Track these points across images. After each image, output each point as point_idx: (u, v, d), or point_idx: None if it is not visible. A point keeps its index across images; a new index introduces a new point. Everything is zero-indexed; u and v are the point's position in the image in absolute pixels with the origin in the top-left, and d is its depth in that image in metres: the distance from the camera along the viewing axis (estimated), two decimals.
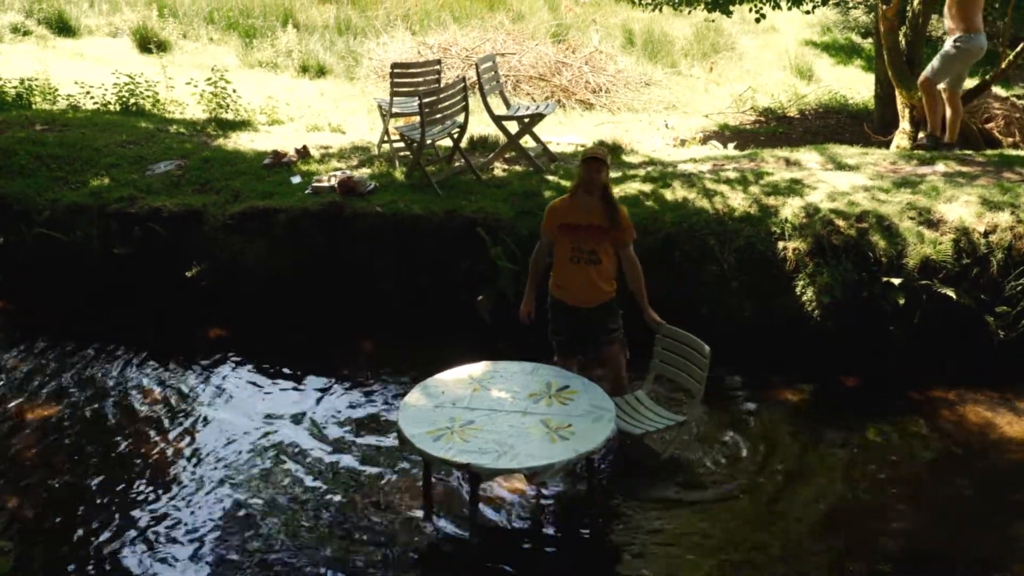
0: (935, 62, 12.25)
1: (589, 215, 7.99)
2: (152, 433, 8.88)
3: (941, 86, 12.27)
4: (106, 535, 7.52)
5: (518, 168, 12.34)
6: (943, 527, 7.70)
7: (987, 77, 14.25)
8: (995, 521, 7.77)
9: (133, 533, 7.53)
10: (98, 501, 7.92)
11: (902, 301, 9.70)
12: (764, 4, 18.69)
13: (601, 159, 7.93)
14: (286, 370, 9.90)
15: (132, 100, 15.46)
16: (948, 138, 12.55)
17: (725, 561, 7.30)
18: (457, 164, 12.26)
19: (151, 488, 8.08)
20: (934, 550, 7.46)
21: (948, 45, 12.08)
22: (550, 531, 7.66)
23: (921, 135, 13.20)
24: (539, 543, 7.55)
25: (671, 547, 7.45)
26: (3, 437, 8.77)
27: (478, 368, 8.00)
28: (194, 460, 8.45)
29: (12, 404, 9.31)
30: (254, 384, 9.72)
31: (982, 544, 7.50)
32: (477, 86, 12.24)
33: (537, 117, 12.49)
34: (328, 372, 9.86)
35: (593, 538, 7.55)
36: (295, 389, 9.57)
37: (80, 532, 7.58)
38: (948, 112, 12.48)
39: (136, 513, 7.75)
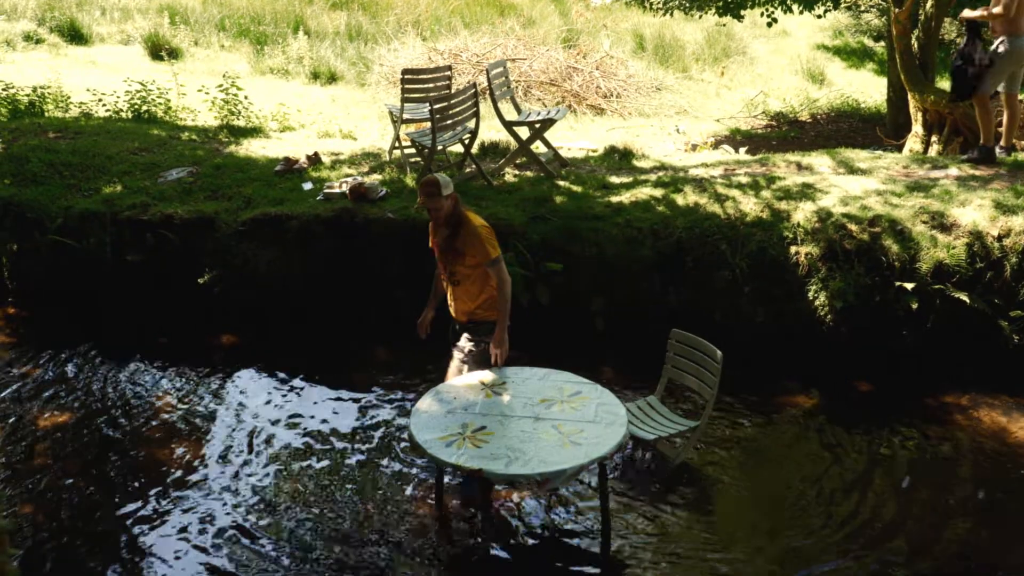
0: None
1: (441, 237, 7.98)
2: (165, 439, 8.89)
3: (1000, 88, 12.02)
4: (119, 540, 7.53)
5: (529, 174, 12.33)
6: (957, 532, 7.66)
7: None
8: (1009, 525, 7.74)
9: (146, 538, 7.54)
10: (111, 506, 7.92)
11: (915, 306, 9.67)
12: (776, 8, 18.69)
13: (427, 191, 7.70)
14: (298, 376, 9.91)
15: (144, 107, 15.50)
16: (1003, 142, 12.34)
17: (738, 568, 7.27)
18: (468, 170, 12.25)
19: (164, 494, 8.08)
20: (948, 555, 7.41)
21: (992, 49, 11.76)
22: (562, 536, 7.63)
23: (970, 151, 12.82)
24: (551, 548, 7.52)
25: (683, 553, 7.42)
26: (17, 443, 8.79)
27: (490, 374, 7.97)
28: (206, 465, 8.45)
29: (26, 410, 9.33)
30: (266, 390, 9.72)
31: (996, 548, 7.47)
32: (488, 92, 12.22)
33: (548, 122, 12.47)
34: (340, 378, 9.86)
35: (605, 544, 7.51)
36: (307, 394, 9.57)
37: (93, 537, 7.59)
38: (1005, 114, 12.25)
39: (149, 518, 7.75)
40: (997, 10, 11.16)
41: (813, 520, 7.79)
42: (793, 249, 10.20)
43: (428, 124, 11.50)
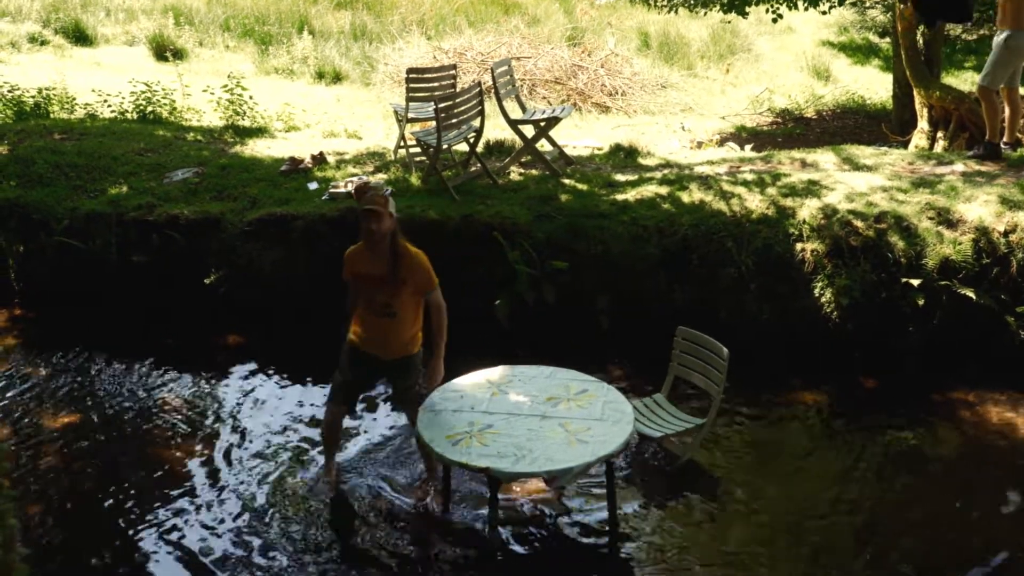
0: (988, 65, 11.73)
1: (377, 265, 7.43)
2: (172, 440, 8.90)
3: (1001, 85, 12.00)
4: (127, 540, 7.55)
5: (534, 172, 12.32)
6: (965, 528, 7.66)
7: None
8: (1019, 520, 7.73)
9: (154, 538, 7.55)
10: (119, 506, 7.93)
11: (921, 302, 9.66)
12: (780, 4, 18.64)
13: (375, 210, 7.28)
14: (305, 375, 9.92)
15: (149, 108, 15.51)
16: (1007, 138, 12.28)
17: (745, 565, 7.27)
18: (473, 169, 12.25)
19: (171, 494, 8.09)
20: (956, 551, 7.41)
21: (998, 42, 11.65)
22: (569, 535, 7.63)
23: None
24: (558, 547, 7.52)
25: (689, 550, 7.42)
26: (24, 445, 8.80)
27: (496, 372, 7.98)
28: (214, 465, 8.46)
29: (33, 412, 9.35)
30: (273, 390, 9.74)
31: (1005, 544, 7.45)
32: (493, 90, 12.22)
33: (553, 121, 12.47)
34: None
35: (612, 541, 7.52)
36: (314, 393, 9.57)
37: (101, 537, 7.61)
38: (1007, 110, 12.20)
39: (157, 519, 7.76)
40: None
41: (821, 517, 7.78)
42: (799, 246, 10.19)
43: (433, 123, 11.49)
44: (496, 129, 14.25)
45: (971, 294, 9.64)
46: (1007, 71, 11.65)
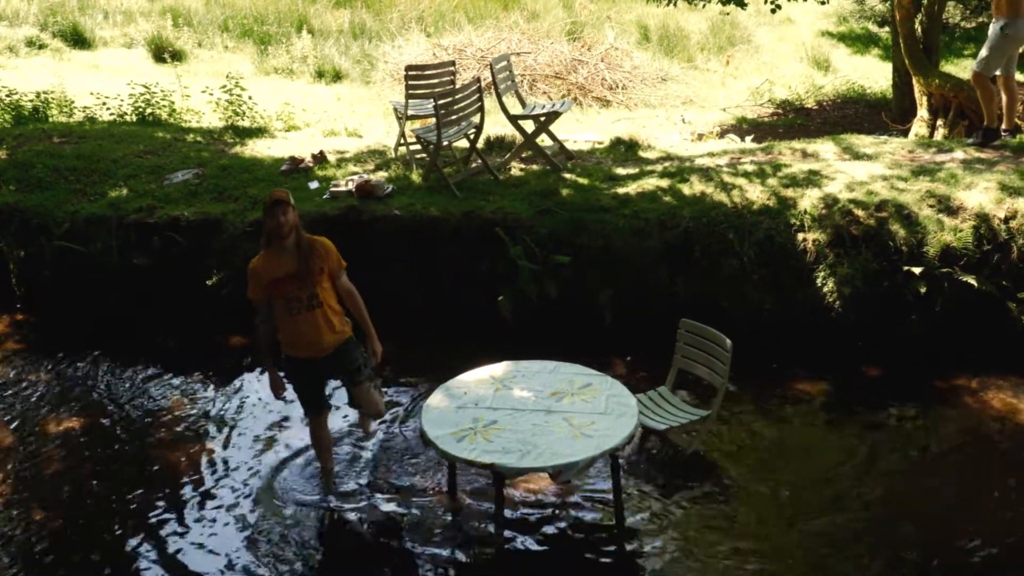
0: (983, 52, 11.77)
1: (289, 263, 7.41)
2: (176, 442, 8.91)
3: (997, 72, 11.98)
4: (131, 543, 7.58)
5: (535, 167, 12.32)
6: (969, 514, 7.65)
7: None
8: (1022, 506, 7.73)
9: (158, 541, 7.57)
10: (123, 510, 7.96)
11: (923, 290, 9.66)
12: None
13: (283, 201, 7.33)
14: None
15: (148, 110, 15.50)
16: (1005, 125, 12.28)
17: (750, 555, 7.27)
18: (474, 165, 12.25)
19: (175, 496, 8.11)
20: (961, 537, 7.40)
21: (994, 30, 11.67)
22: (574, 529, 7.63)
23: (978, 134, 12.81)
24: (564, 541, 7.52)
25: (695, 542, 7.43)
26: (28, 449, 8.83)
27: (500, 368, 7.99)
28: (219, 466, 8.48)
29: (36, 417, 9.37)
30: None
31: (1010, 529, 7.45)
32: (492, 86, 12.22)
33: (553, 115, 12.45)
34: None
35: (617, 535, 7.52)
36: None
37: (105, 542, 7.64)
38: (1004, 98, 12.22)
39: (162, 522, 7.79)
40: None
41: (826, 506, 7.79)
42: (800, 236, 10.18)
43: (433, 120, 11.49)
44: (496, 125, 14.24)
45: (972, 281, 9.63)
46: (1002, 59, 11.68)
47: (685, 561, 7.25)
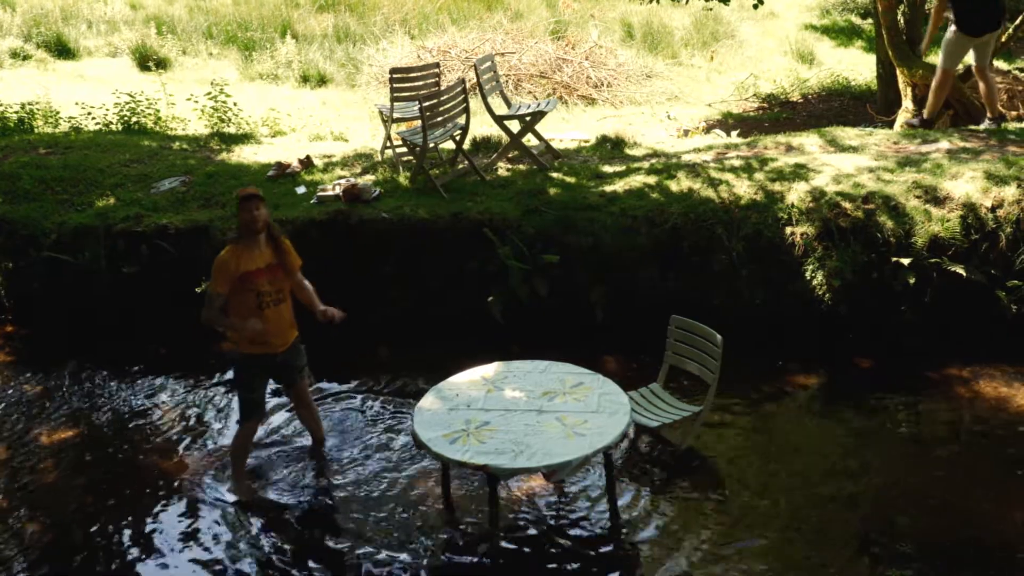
0: (942, 52, 12.29)
1: (260, 257, 7.68)
2: (169, 450, 8.90)
3: (972, 62, 12.42)
4: (126, 554, 7.56)
5: (522, 167, 12.32)
6: (963, 503, 7.67)
7: None
8: (1016, 495, 7.74)
9: (153, 550, 7.56)
10: (118, 520, 7.94)
11: (913, 280, 9.68)
12: None
13: (256, 195, 7.62)
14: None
15: (134, 119, 15.46)
16: (990, 114, 12.52)
17: (745, 551, 7.28)
18: (461, 166, 12.25)
19: (170, 505, 8.10)
20: (955, 527, 7.42)
21: (948, 31, 12.18)
22: (569, 527, 7.63)
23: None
24: (558, 540, 7.52)
25: (690, 538, 7.43)
26: (21, 461, 8.80)
27: (491, 369, 7.99)
28: (212, 474, 8.46)
29: (29, 428, 9.34)
30: (269, 395, 9.71)
31: (1004, 519, 7.47)
32: (477, 87, 12.23)
33: (538, 115, 12.46)
34: (342, 379, 9.88)
35: (612, 533, 7.53)
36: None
37: (100, 553, 7.62)
38: (981, 88, 12.47)
39: (156, 530, 7.78)
40: None
41: (819, 499, 7.81)
42: (788, 230, 10.20)
43: (419, 122, 11.49)
44: (482, 126, 14.24)
45: (961, 271, 9.66)
46: (961, 54, 12.34)
47: (680, 558, 7.25)
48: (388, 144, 12.89)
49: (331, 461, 8.52)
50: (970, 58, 12.55)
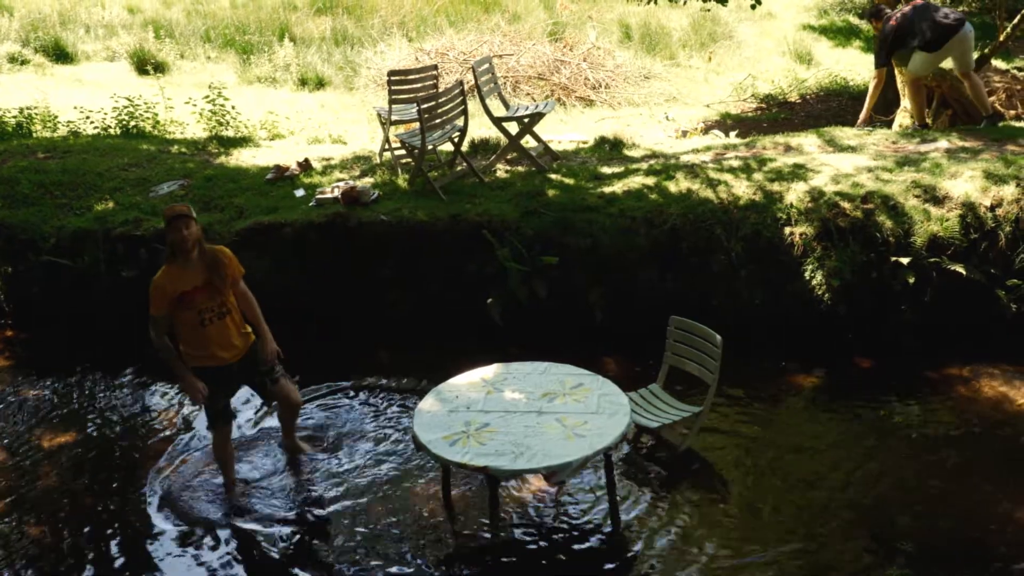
0: (908, 66, 12.65)
1: (195, 275, 7.53)
2: (170, 453, 8.88)
3: (928, 73, 12.73)
4: (126, 557, 7.56)
5: (520, 169, 12.32)
6: (964, 503, 7.66)
7: (986, 51, 14.23)
8: (1017, 494, 7.73)
9: (153, 553, 7.55)
10: (118, 524, 7.94)
11: (912, 280, 9.68)
12: None
13: (184, 214, 7.44)
14: (299, 383, 9.88)
15: (132, 123, 15.46)
16: (984, 113, 12.61)
17: (745, 551, 7.27)
18: (459, 168, 12.24)
19: (170, 507, 8.08)
20: (955, 527, 7.42)
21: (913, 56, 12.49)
22: (570, 529, 7.62)
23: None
24: (559, 541, 7.52)
25: (690, 539, 7.43)
26: (21, 465, 8.79)
27: (491, 370, 7.99)
28: (212, 476, 8.44)
29: (29, 432, 9.34)
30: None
31: (1005, 517, 7.47)
32: (475, 89, 12.23)
33: (536, 117, 12.46)
34: (341, 381, 9.86)
35: (613, 534, 7.53)
36: (308, 401, 9.54)
37: (100, 557, 7.61)
38: (969, 91, 12.57)
39: (157, 533, 7.77)
40: None
41: (820, 499, 7.80)
42: (787, 230, 10.20)
43: (417, 124, 11.48)
44: (481, 128, 14.24)
45: (961, 270, 9.66)
46: (924, 65, 12.55)
47: (680, 558, 7.25)
48: (386, 146, 12.88)
49: (331, 463, 8.51)
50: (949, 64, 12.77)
